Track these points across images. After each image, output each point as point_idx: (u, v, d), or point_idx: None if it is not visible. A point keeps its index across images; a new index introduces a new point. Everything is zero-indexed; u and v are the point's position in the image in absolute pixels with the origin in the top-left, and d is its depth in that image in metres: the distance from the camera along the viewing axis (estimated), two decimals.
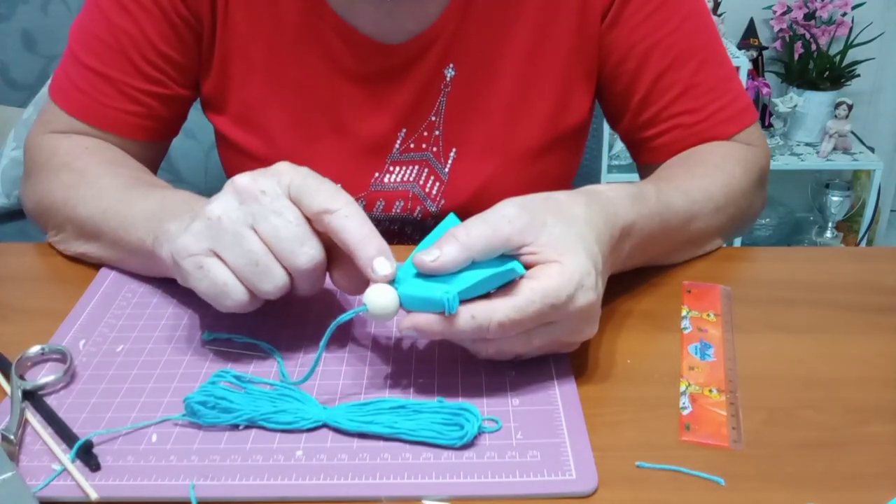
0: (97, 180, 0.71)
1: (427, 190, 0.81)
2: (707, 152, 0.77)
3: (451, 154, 0.80)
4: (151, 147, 0.83)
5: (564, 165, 0.84)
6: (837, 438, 0.52)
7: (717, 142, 0.78)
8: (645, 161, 0.83)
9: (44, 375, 0.57)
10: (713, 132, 0.78)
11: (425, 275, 0.53)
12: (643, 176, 0.82)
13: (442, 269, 0.52)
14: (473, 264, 0.53)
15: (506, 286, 0.52)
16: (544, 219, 0.54)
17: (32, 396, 0.55)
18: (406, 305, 0.52)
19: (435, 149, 0.80)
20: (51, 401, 0.55)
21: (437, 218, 0.65)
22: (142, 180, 0.72)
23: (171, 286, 0.68)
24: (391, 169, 0.81)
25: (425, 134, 0.80)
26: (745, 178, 0.76)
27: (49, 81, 1.88)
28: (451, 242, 0.52)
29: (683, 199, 0.68)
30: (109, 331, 0.63)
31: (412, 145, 0.80)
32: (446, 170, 0.81)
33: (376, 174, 0.81)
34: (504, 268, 0.51)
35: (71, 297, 0.67)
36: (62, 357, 0.59)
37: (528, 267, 0.53)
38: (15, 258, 0.74)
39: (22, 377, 0.57)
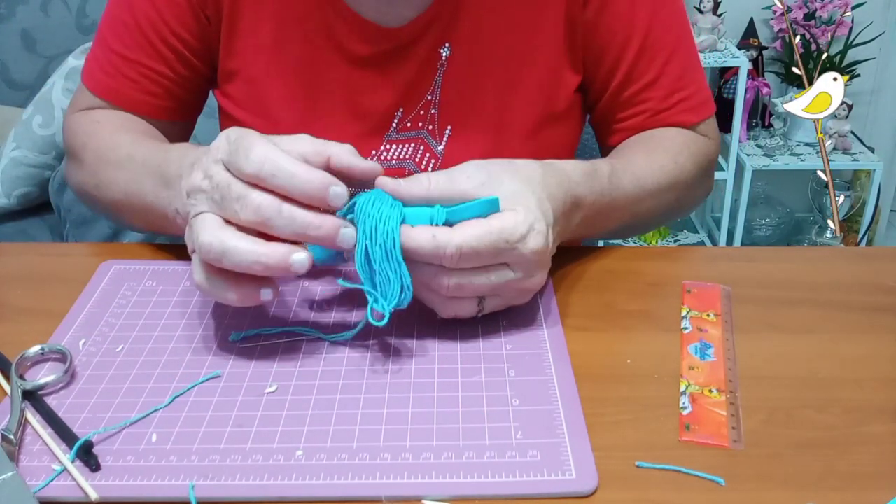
0: (115, 158, 0.76)
1: (422, 167, 0.83)
2: (667, 139, 0.82)
3: (446, 132, 0.82)
4: (173, 127, 0.85)
5: (558, 146, 0.86)
6: (837, 438, 0.52)
7: (678, 128, 0.83)
8: (610, 143, 0.87)
9: (44, 375, 0.57)
10: (675, 119, 0.83)
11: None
12: (604, 157, 0.87)
13: (397, 192, 0.57)
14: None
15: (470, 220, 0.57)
16: (501, 177, 0.59)
17: (32, 396, 0.55)
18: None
19: (431, 126, 0.82)
20: (51, 401, 0.55)
21: None
22: (147, 147, 0.75)
23: (170, 285, 0.68)
24: (388, 147, 0.83)
25: (421, 113, 0.82)
26: (694, 171, 0.81)
27: (53, 78, 1.87)
28: (415, 182, 0.58)
29: (634, 183, 0.73)
30: (109, 330, 0.63)
31: (409, 124, 0.82)
32: (441, 147, 0.82)
33: (373, 152, 0.83)
34: (489, 199, 0.57)
35: (71, 297, 0.67)
36: (62, 357, 0.59)
37: None
38: (15, 258, 0.74)
39: (22, 377, 0.57)
